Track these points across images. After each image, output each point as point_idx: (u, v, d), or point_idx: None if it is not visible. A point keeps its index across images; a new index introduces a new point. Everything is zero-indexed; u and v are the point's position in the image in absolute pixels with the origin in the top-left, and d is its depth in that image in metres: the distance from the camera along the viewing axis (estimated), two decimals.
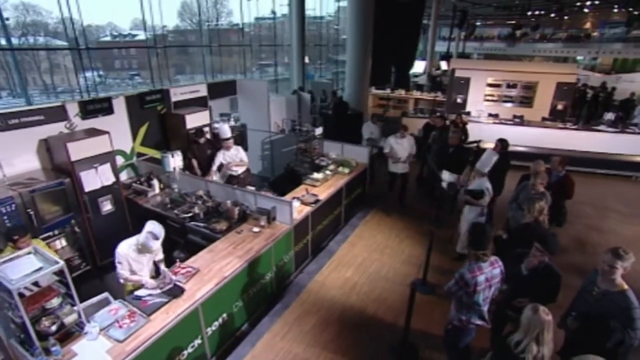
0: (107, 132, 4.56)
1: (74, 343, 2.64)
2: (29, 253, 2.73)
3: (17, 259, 2.66)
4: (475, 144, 5.99)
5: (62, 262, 2.58)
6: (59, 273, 2.64)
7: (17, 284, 2.33)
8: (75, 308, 2.73)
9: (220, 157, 5.45)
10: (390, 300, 4.29)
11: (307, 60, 14.60)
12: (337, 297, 4.33)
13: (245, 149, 7.25)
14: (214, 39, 12.01)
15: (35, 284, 2.60)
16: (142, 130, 5.76)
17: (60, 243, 4.58)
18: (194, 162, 5.51)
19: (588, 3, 17.92)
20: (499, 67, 11.38)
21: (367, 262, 5.05)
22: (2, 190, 3.85)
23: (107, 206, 4.70)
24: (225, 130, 5.45)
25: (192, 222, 4.34)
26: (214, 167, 5.42)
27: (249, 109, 7.67)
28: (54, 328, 2.59)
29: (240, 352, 3.53)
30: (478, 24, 32.56)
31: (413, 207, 6.65)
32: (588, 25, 27.03)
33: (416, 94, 16.92)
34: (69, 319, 2.68)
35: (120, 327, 2.78)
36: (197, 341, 3.18)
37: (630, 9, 19.26)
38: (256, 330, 3.80)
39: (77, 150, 4.25)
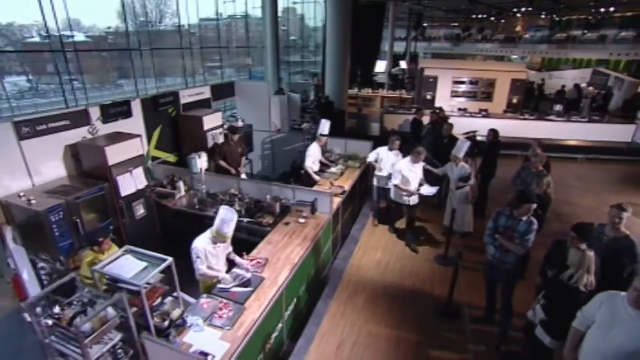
0: (139, 136, 4.51)
1: (183, 336, 2.75)
2: (125, 253, 2.79)
3: (116, 260, 2.71)
4: (472, 134, 6.77)
5: (170, 259, 2.69)
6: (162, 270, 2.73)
7: (142, 282, 2.41)
8: (175, 298, 2.85)
9: (315, 151, 5.70)
10: (422, 274, 4.83)
11: (250, 61, 14.59)
12: (376, 277, 4.76)
13: (251, 149, 7.39)
14: (157, 41, 11.38)
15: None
16: (156, 134, 5.67)
17: None
18: (223, 163, 5.54)
19: (523, 10, 20.43)
20: (463, 66, 12.62)
21: (390, 244, 5.54)
22: (44, 200, 3.69)
23: (140, 210, 4.63)
24: (326, 126, 5.76)
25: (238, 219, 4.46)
26: (310, 162, 5.62)
27: (248, 110, 7.77)
28: (166, 324, 2.69)
29: (309, 333, 3.81)
30: (425, 25, 34.87)
31: None
32: (519, 28, 30.46)
33: (383, 92, 17.95)
34: (175, 314, 2.79)
35: (221, 317, 2.92)
36: (280, 325, 3.41)
37: (554, 16, 22.23)
38: (316, 312, 4.09)
39: (114, 155, 4.17)
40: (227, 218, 3.17)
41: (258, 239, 4.24)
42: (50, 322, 2.18)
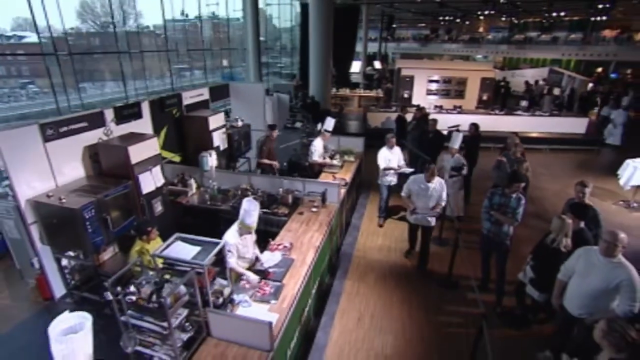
0: (156, 135, 4.71)
1: (234, 311, 3.06)
2: (175, 240, 3.06)
3: (170, 246, 2.98)
4: (455, 128, 7.45)
5: (223, 241, 3.00)
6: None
7: (205, 262, 2.72)
8: (225, 283, 3.18)
9: (320, 145, 6.21)
10: None
11: (225, 63, 14.67)
12: (381, 259, 5.26)
13: (250, 147, 7.66)
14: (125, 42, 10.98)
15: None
16: (162, 134, 5.83)
17: (114, 249, 4.63)
18: (266, 161, 6.01)
19: (486, 12, 21.95)
20: (436, 66, 13.47)
21: (389, 230, 6.06)
22: (75, 198, 3.84)
23: (158, 207, 4.83)
24: (331, 123, 6.34)
25: None
26: (317, 156, 6.12)
27: (241, 110, 8.00)
28: (220, 300, 3.01)
29: (330, 310, 4.22)
30: (394, 26, 36.12)
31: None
32: (481, 29, 32.43)
33: (360, 91, 18.60)
34: (226, 292, 3.11)
35: (263, 294, 3.27)
36: (310, 301, 3.80)
37: (513, 18, 24.02)
38: (333, 291, 4.52)
39: (135, 154, 4.36)
40: (249, 208, 3.34)
41: (274, 229, 4.60)
42: (134, 298, 2.44)
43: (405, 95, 13.28)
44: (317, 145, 6.09)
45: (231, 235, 3.47)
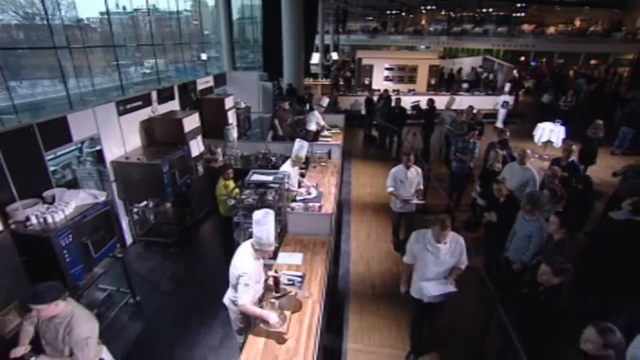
0: (197, 111, 5.84)
1: None
2: (253, 173, 4.40)
3: (252, 175, 4.32)
4: (416, 103, 9.34)
5: (286, 170, 4.40)
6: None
7: (284, 180, 4.11)
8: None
9: (318, 116, 7.63)
10: None
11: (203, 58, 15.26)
12: (374, 201, 6.93)
13: (249, 126, 8.88)
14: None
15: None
16: None
17: (169, 203, 5.73)
18: (276, 122, 7.50)
19: (428, 7, 24.63)
20: (392, 55, 15.42)
21: (374, 181, 7.77)
22: (149, 158, 4.93)
23: (200, 170, 5.99)
24: (325, 101, 7.92)
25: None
26: (314, 124, 7.52)
27: (238, 95, 9.15)
28: (289, 209, 4.41)
29: (345, 231, 5.82)
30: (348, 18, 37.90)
31: (376, 154, 9.66)
32: (424, 22, 35.58)
33: (322, 80, 20.20)
34: (292, 205, 4.52)
35: (313, 209, 4.69)
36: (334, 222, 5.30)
37: (450, 13, 27.14)
38: (344, 220, 6.10)
39: (187, 125, 5.49)
40: (303, 144, 4.82)
41: None
42: (251, 200, 3.76)
43: (366, 82, 15.13)
44: (317, 115, 7.56)
45: (288, 167, 4.85)
